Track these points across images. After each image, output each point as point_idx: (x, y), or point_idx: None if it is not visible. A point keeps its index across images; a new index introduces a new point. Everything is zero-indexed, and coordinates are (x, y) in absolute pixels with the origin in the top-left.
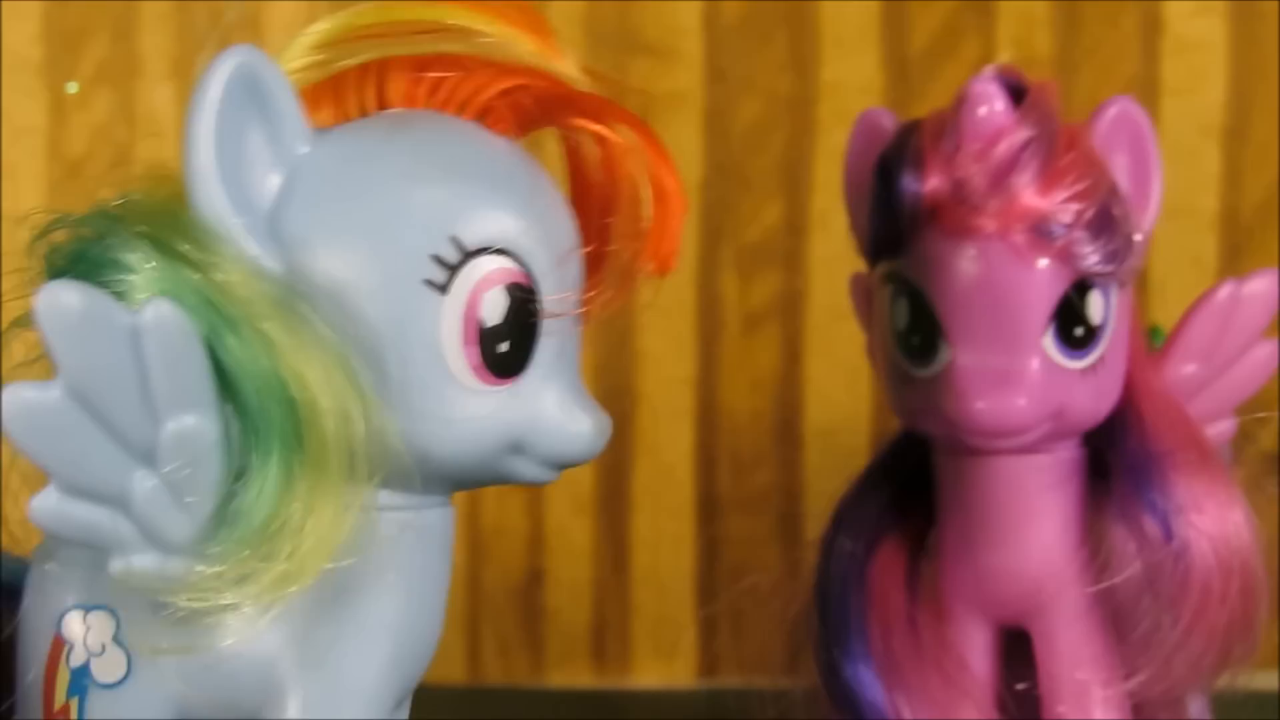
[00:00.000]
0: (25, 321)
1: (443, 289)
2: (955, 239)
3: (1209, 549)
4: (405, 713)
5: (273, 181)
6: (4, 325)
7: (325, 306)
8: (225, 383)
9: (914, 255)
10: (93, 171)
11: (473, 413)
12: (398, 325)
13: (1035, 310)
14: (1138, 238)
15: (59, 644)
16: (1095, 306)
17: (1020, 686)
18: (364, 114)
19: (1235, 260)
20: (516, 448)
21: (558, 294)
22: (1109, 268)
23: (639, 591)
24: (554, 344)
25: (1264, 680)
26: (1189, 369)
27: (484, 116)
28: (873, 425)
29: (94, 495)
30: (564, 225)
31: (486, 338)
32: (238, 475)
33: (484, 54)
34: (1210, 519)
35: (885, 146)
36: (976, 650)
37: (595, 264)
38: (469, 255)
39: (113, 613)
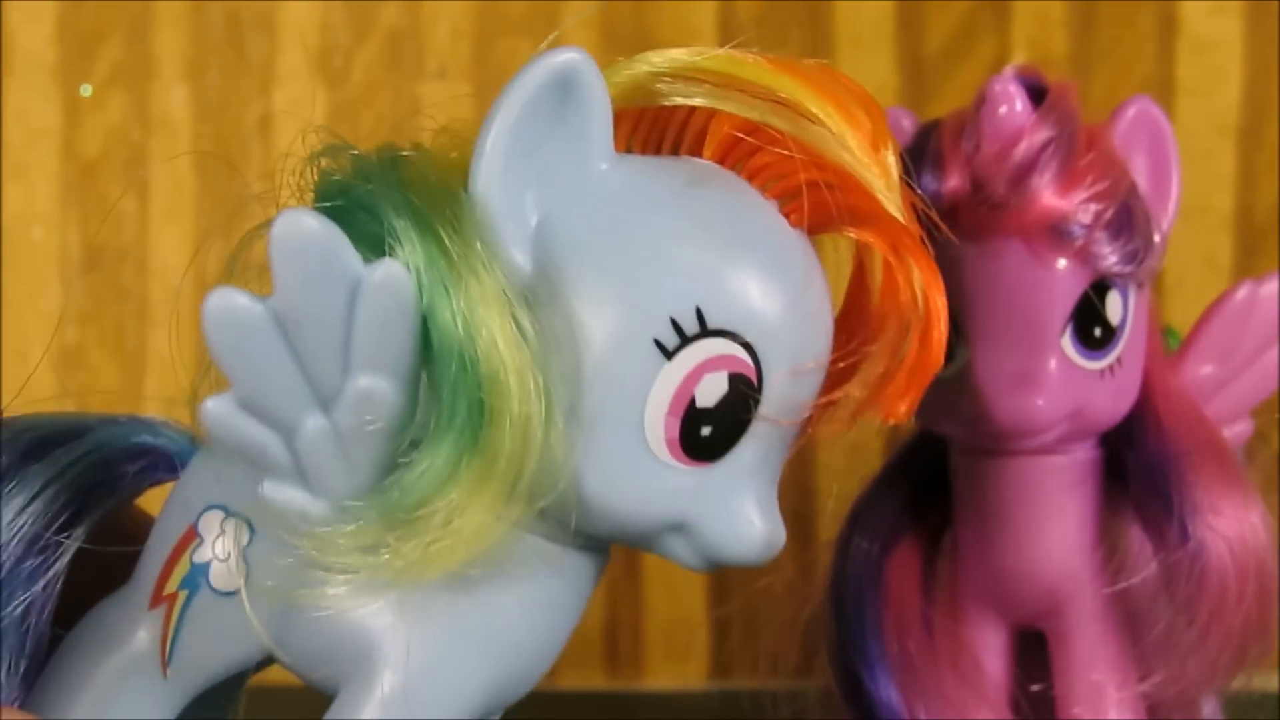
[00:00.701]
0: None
1: (669, 354)
2: (975, 239)
3: (1225, 550)
4: None
5: (557, 188)
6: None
7: (554, 325)
8: (428, 361)
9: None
10: (107, 173)
11: (650, 482)
12: (611, 370)
13: (1054, 310)
14: (1157, 238)
15: (190, 534)
16: (1114, 307)
17: (1035, 688)
18: (675, 153)
19: (1250, 260)
20: (679, 528)
21: (781, 402)
22: (1128, 268)
23: (651, 593)
24: (759, 447)
25: (1264, 680)
26: (1206, 370)
27: (785, 201)
28: (885, 427)
29: (267, 416)
30: (818, 338)
31: (692, 416)
32: (409, 452)
33: (808, 140)
34: (1227, 520)
35: (905, 146)
36: (992, 651)
37: (833, 385)
38: (707, 332)
39: (251, 528)
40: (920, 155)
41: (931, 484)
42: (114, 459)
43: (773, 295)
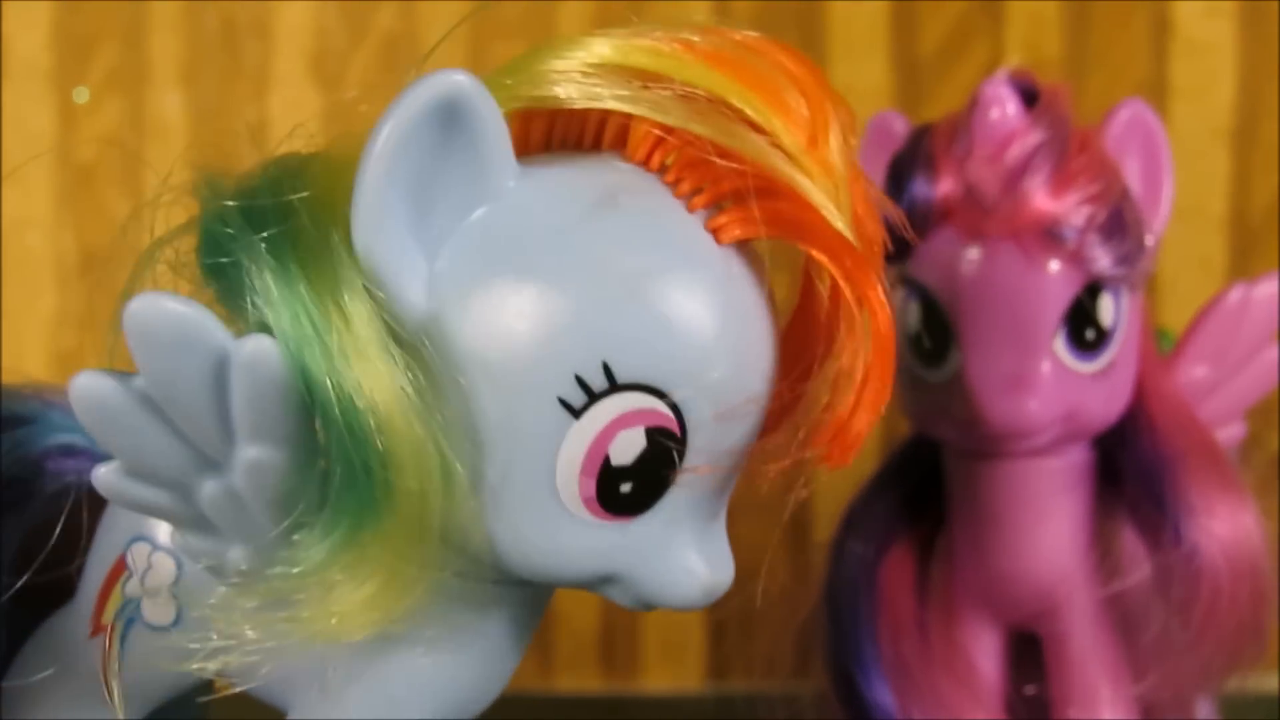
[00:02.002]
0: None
1: (576, 413)
2: (967, 242)
3: (1219, 552)
4: None
5: (454, 220)
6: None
7: (450, 374)
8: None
9: (925, 258)
10: (102, 177)
11: (570, 542)
12: (515, 431)
13: (1046, 313)
14: (1149, 241)
15: (121, 564)
16: (1106, 309)
17: (1030, 690)
18: (598, 147)
19: (1243, 262)
20: (612, 580)
21: (711, 450)
22: (1120, 271)
23: None
24: (690, 494)
25: (1264, 682)
26: (1200, 372)
27: (712, 211)
28: (882, 429)
29: (159, 482)
30: (748, 373)
31: (609, 475)
32: (314, 508)
33: (732, 144)
34: (1221, 522)
35: (897, 150)
36: (986, 654)
37: (776, 416)
38: (616, 388)
39: (177, 561)
40: (913, 158)
41: (925, 487)
42: (41, 456)
43: (691, 337)
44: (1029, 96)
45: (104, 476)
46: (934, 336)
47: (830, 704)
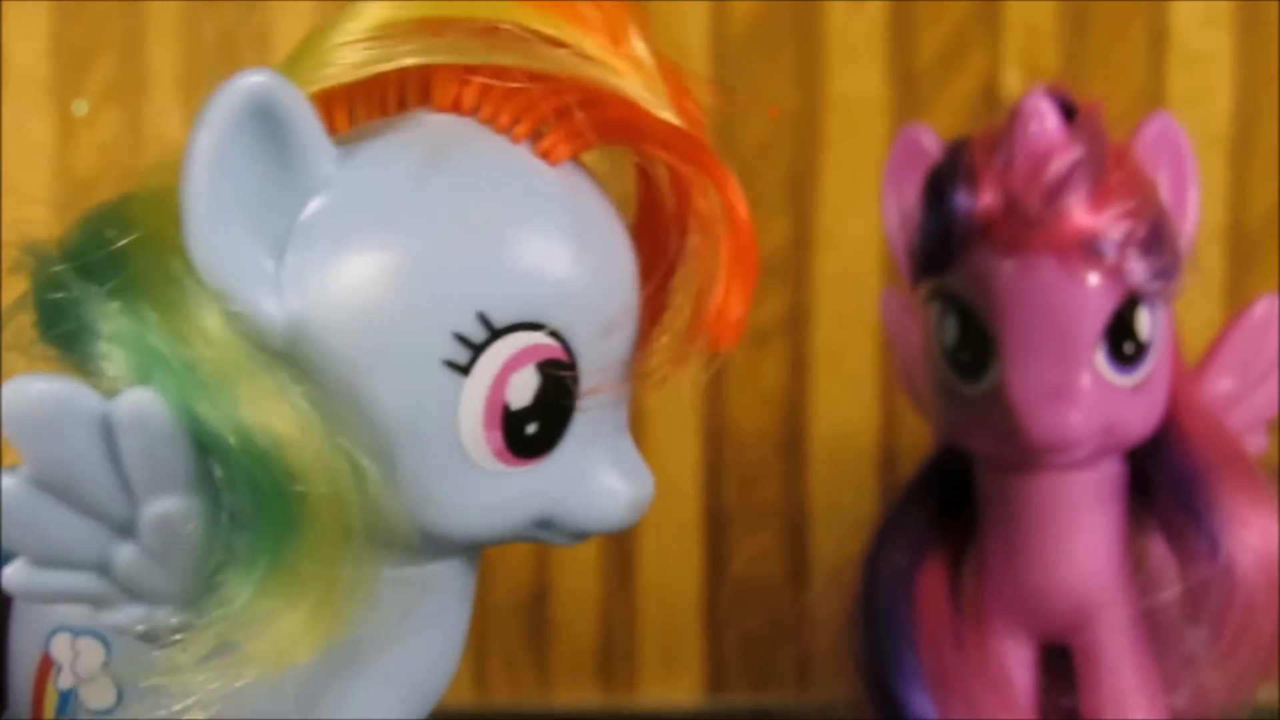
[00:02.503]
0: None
1: (464, 370)
2: (1007, 255)
3: (1254, 563)
4: None
5: (286, 220)
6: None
7: (329, 371)
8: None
9: (964, 272)
10: (101, 189)
11: (493, 497)
12: (409, 405)
13: (1087, 327)
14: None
15: (47, 662)
16: (1144, 323)
17: (1065, 702)
18: (403, 108)
19: (1241, 272)
20: (544, 524)
21: (602, 366)
22: (1158, 285)
23: (646, 607)
24: (592, 414)
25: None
26: (1226, 384)
27: (536, 138)
28: (879, 440)
29: (70, 566)
30: (618, 283)
31: (512, 421)
32: (232, 541)
33: (541, 65)
34: (1255, 533)
35: (935, 163)
36: (1020, 665)
37: (654, 313)
38: (498, 333)
39: (103, 641)
40: (952, 172)
41: (956, 499)
42: None
43: (552, 261)
44: (1067, 111)
45: (13, 577)
46: (973, 350)
47: (859, 714)
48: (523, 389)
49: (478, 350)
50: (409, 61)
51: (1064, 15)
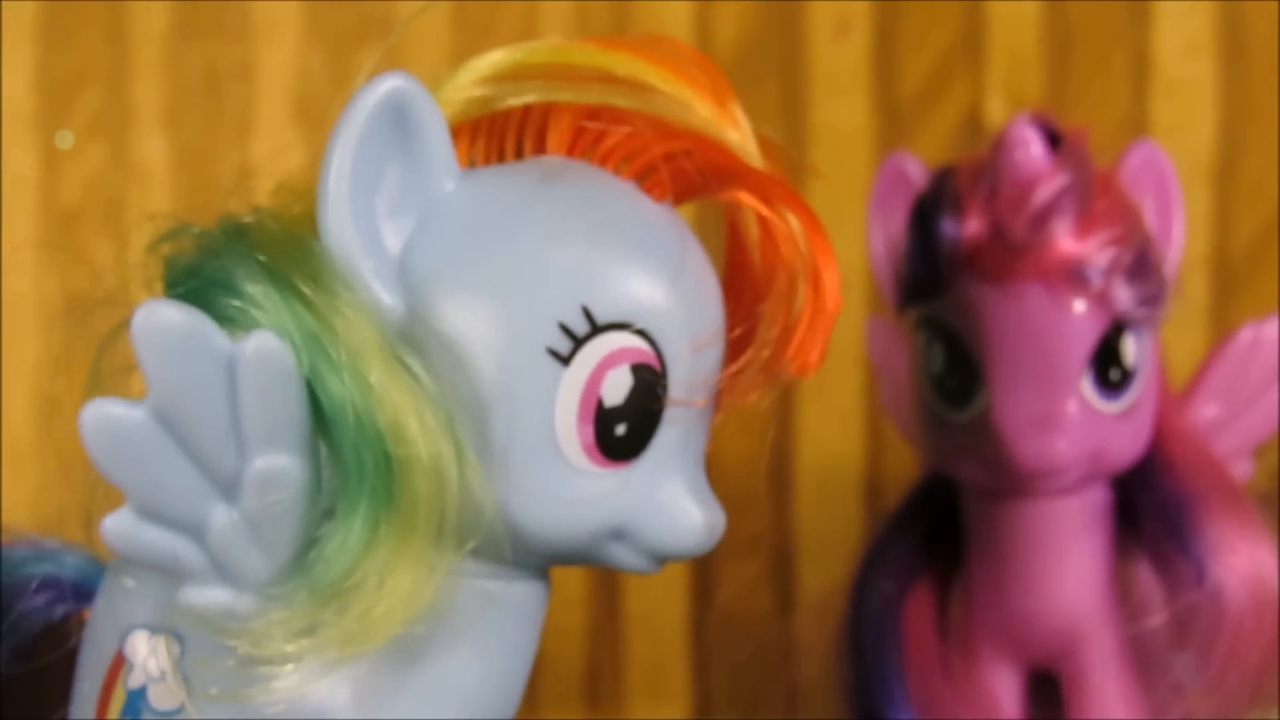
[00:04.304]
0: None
1: (565, 360)
2: (994, 283)
3: (1241, 589)
4: None
5: (409, 219)
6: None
7: (440, 359)
8: (322, 425)
9: (950, 299)
10: (86, 221)
11: (577, 494)
12: (511, 390)
13: (1073, 353)
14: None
15: (119, 661)
16: (1130, 350)
17: None
18: (520, 156)
19: (1225, 300)
20: (620, 535)
21: (689, 382)
22: (1144, 311)
23: (632, 637)
24: (678, 432)
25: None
26: (1211, 411)
27: (644, 178)
28: (865, 468)
29: (170, 521)
30: (709, 308)
31: (604, 418)
32: (323, 522)
33: (654, 112)
34: (1243, 560)
35: (921, 191)
36: (1007, 693)
37: (737, 352)
38: (599, 329)
39: (179, 639)
40: (938, 199)
41: (943, 527)
42: (13, 597)
43: (655, 275)
44: (1051, 139)
45: (113, 525)
46: (959, 377)
47: None
48: (617, 387)
49: (579, 342)
50: (533, 97)
51: (1047, 44)
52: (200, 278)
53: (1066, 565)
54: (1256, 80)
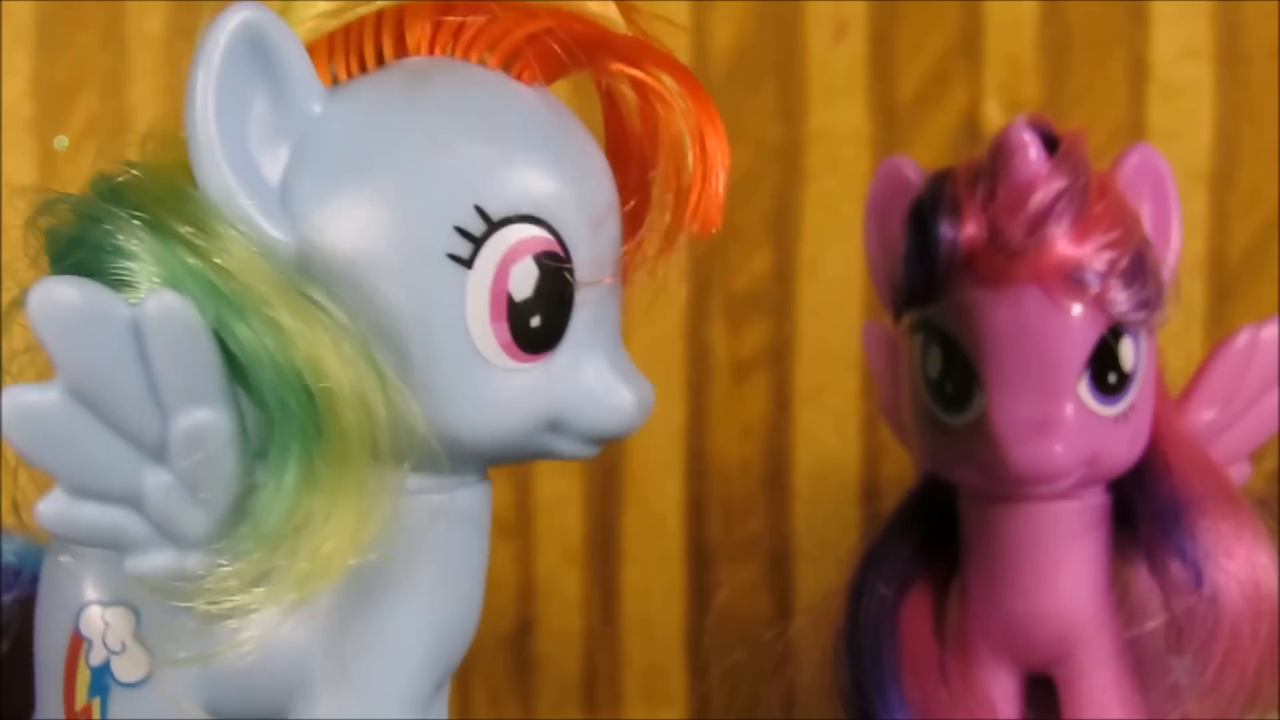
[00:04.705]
0: (23, 306)
1: (467, 263)
2: (991, 286)
3: (1238, 593)
4: (445, 697)
5: (283, 149)
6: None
7: (341, 285)
8: (238, 372)
9: (947, 303)
10: None
11: (504, 394)
12: (420, 304)
13: (1071, 357)
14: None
15: (77, 641)
16: (1127, 353)
17: None
18: (382, 64)
19: (1222, 304)
20: (554, 425)
21: (593, 261)
22: (1142, 315)
23: (629, 641)
24: (590, 313)
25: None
26: (1208, 414)
27: (511, 64)
28: (862, 472)
29: (104, 496)
30: (600, 183)
31: (517, 313)
32: (255, 467)
33: None
34: (1239, 563)
35: (918, 194)
36: (1004, 697)
37: (634, 223)
38: (495, 225)
39: (133, 609)
40: (935, 202)
41: (940, 531)
42: None
43: (541, 161)
44: (1049, 142)
45: (48, 508)
46: (956, 381)
47: None
48: (523, 280)
49: (478, 243)
50: (381, 4)
51: (1044, 48)
52: (85, 246)
53: (1063, 569)
54: (1254, 84)
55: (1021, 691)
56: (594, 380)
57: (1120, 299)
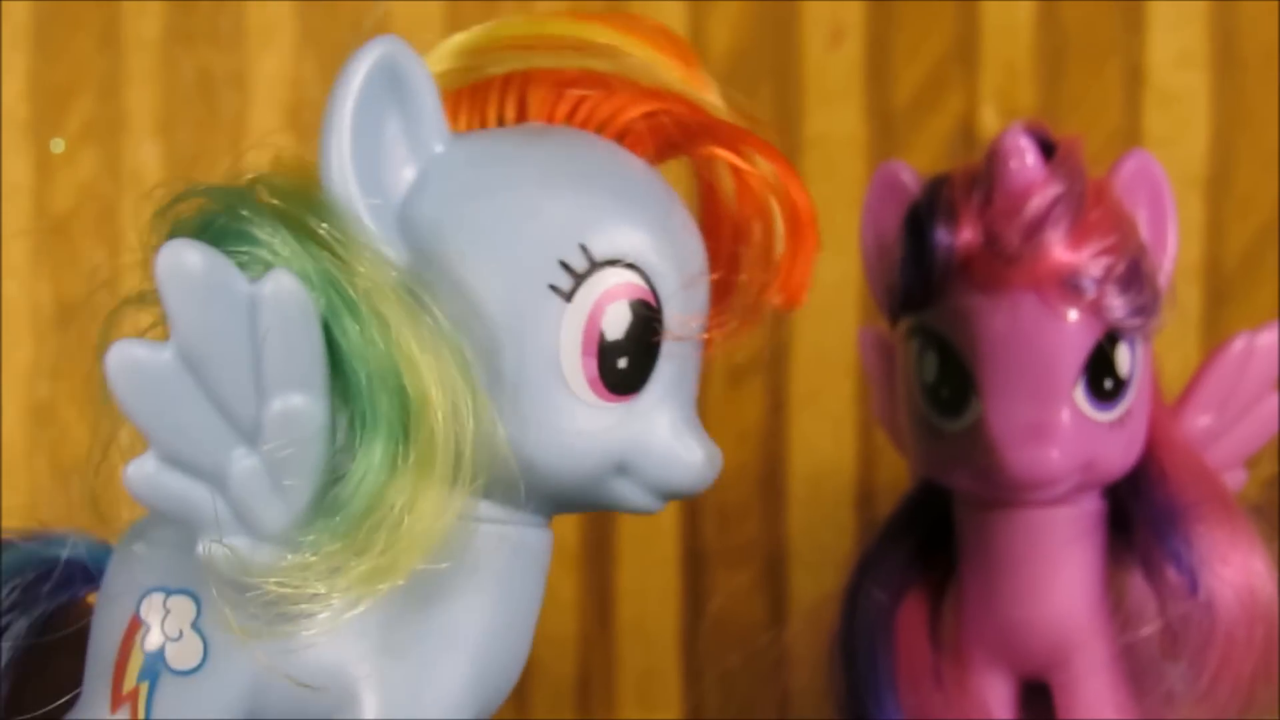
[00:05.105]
0: (146, 295)
1: (567, 296)
2: (987, 292)
3: (1234, 599)
4: None
5: (407, 173)
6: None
7: (447, 302)
8: (338, 365)
9: (943, 308)
10: (79, 228)
11: (583, 426)
12: (517, 328)
13: (1067, 363)
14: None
15: (135, 624)
16: (1124, 359)
17: None
18: (502, 124)
19: (1218, 310)
20: (623, 469)
21: (682, 316)
22: (1138, 321)
23: (624, 646)
24: (674, 367)
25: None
26: (1204, 421)
27: (623, 137)
28: (858, 477)
29: (191, 467)
30: (695, 248)
31: (606, 351)
32: (337, 464)
33: (628, 75)
34: (1235, 569)
35: (915, 199)
36: (999, 703)
37: (723, 293)
38: (597, 265)
39: (194, 598)
40: (932, 208)
41: (935, 536)
42: (25, 583)
43: (645, 216)
44: (1045, 148)
45: (137, 471)
46: (952, 386)
47: None
48: (616, 321)
49: (579, 279)
50: (512, 66)
51: (1040, 55)
52: (212, 231)
53: (1059, 575)
54: (1250, 90)
55: (1017, 697)
56: (668, 432)
57: (1116, 305)
